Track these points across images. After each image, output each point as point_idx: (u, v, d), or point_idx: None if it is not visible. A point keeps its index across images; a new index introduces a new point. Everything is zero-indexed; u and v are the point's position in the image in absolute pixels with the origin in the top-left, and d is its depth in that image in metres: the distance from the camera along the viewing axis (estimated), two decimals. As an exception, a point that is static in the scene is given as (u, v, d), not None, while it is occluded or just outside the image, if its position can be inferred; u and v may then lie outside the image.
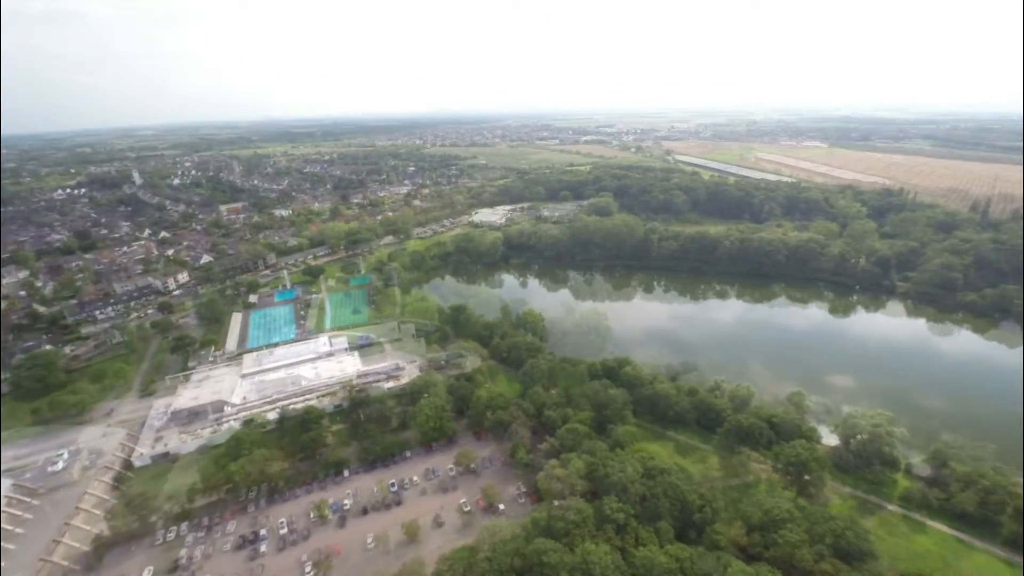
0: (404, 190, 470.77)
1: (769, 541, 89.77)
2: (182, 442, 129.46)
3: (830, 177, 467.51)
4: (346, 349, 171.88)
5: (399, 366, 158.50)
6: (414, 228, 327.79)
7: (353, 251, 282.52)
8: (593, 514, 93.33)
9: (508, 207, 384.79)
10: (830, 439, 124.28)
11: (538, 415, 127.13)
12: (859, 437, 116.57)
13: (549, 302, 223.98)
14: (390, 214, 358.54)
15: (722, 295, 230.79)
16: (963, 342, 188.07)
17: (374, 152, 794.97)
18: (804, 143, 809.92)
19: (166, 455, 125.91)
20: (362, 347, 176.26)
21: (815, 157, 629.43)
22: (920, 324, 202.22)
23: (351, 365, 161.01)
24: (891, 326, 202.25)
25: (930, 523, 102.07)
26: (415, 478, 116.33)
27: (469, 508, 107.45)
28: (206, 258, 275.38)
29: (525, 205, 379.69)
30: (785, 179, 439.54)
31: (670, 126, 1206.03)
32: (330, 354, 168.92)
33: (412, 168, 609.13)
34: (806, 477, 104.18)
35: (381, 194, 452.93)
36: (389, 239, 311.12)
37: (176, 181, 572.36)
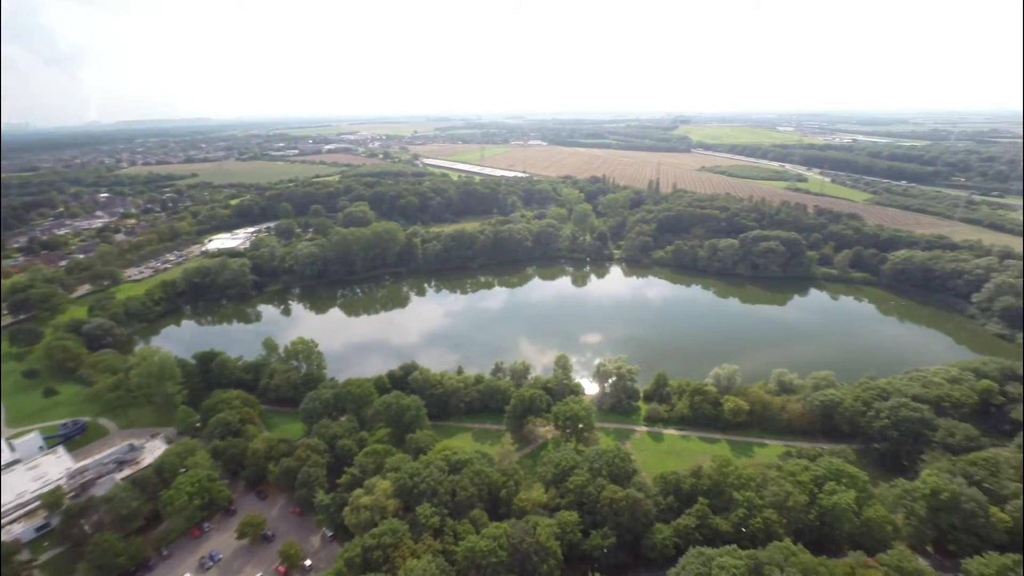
0: (98, 223, 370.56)
1: (563, 490, 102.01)
2: None
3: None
4: (41, 448, 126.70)
5: (134, 446, 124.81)
6: (124, 269, 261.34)
7: (27, 313, 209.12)
8: (409, 528, 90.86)
9: (251, 229, 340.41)
10: (591, 388, 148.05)
11: (331, 448, 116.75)
12: (610, 381, 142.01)
13: (321, 325, 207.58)
14: (80, 256, 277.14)
15: (488, 285, 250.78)
16: (660, 288, 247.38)
17: (37, 178, 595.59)
18: (530, 143, 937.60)
19: None
20: (70, 438, 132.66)
21: (532, 156, 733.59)
22: (633, 280, 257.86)
23: (55, 466, 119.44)
24: (615, 286, 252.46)
25: (665, 431, 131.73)
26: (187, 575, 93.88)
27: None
28: None
29: (272, 224, 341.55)
30: (520, 175, 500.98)
31: (413, 131, 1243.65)
32: (14, 462, 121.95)
33: (105, 195, 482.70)
34: (580, 426, 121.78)
35: (61, 231, 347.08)
36: (87, 288, 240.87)
37: None
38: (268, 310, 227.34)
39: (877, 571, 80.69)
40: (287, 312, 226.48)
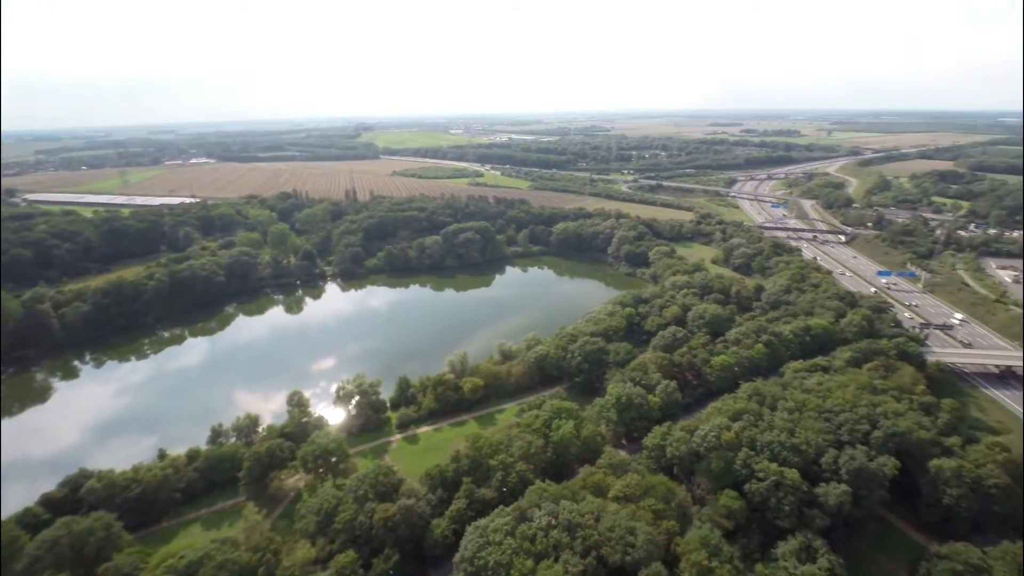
0: None
1: (333, 534, 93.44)
2: None
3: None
4: None
5: None
6: None
7: None
8: None
9: None
10: (336, 416, 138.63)
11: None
12: (354, 401, 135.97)
13: None
14: None
15: (176, 340, 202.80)
16: (382, 295, 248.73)
17: None
18: (192, 161, 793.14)
19: None
20: None
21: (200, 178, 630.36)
22: (353, 294, 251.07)
23: None
24: (336, 303, 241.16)
25: (419, 431, 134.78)
26: None
27: None
28: None
29: None
30: (188, 200, 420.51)
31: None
32: None
33: None
34: (333, 460, 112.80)
35: None
36: None
37: None
38: None
39: (599, 473, 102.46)
40: None
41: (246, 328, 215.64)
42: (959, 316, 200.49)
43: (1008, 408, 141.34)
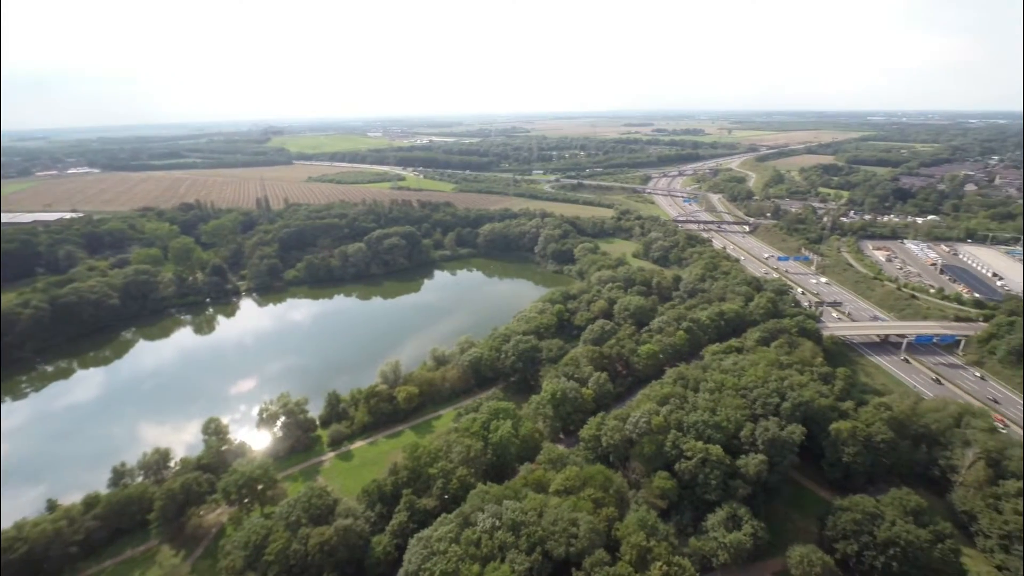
0: None
1: (263, 567, 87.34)
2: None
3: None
4: None
5: None
6: None
7: None
8: None
9: None
10: (262, 440, 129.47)
11: None
12: (280, 422, 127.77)
13: None
14: None
15: (62, 374, 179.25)
16: (304, 308, 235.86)
17: None
18: (70, 171, 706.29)
19: None
20: None
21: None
22: (272, 309, 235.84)
23: None
24: (253, 320, 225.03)
25: (352, 447, 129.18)
26: None
27: None
28: None
29: None
30: (70, 215, 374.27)
31: None
32: None
33: None
34: (260, 487, 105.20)
35: None
36: None
37: None
38: None
39: (540, 469, 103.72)
40: None
41: (149, 354, 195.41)
42: (823, 279, 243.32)
43: (888, 371, 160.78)
